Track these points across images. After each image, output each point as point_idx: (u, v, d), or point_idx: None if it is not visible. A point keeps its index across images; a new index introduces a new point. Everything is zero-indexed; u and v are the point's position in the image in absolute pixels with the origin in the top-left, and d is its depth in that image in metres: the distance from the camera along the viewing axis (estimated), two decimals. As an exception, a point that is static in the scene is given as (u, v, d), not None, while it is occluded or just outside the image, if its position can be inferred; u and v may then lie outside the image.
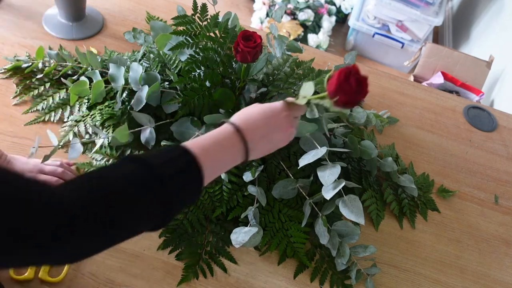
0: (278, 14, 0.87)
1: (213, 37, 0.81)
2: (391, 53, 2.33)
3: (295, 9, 2.27)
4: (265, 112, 0.57)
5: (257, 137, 0.55)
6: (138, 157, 0.47)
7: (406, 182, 0.87)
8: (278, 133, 0.58)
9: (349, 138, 0.84)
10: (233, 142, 0.54)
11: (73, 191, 0.40)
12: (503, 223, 0.92)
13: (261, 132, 0.56)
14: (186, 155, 0.49)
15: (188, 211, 0.77)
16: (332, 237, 0.75)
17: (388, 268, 0.81)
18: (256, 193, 0.76)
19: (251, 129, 0.55)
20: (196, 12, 0.82)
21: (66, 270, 0.69)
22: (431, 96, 1.15)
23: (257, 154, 0.57)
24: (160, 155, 0.47)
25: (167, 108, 0.82)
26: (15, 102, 0.89)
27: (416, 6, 2.11)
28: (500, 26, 2.01)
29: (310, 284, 0.76)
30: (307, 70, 0.81)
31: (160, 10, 1.15)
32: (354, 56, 0.89)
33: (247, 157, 0.55)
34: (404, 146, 1.01)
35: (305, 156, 0.73)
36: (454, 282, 0.82)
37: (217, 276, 0.74)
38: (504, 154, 1.06)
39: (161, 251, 0.75)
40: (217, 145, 0.52)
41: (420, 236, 0.87)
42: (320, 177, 0.72)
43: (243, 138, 0.54)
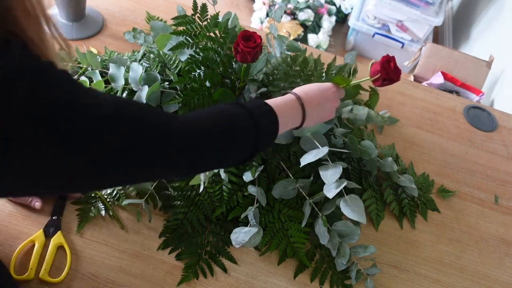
0: (277, 14, 0.87)
1: (213, 37, 0.81)
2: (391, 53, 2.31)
3: (295, 9, 2.27)
4: (319, 87, 0.71)
5: (312, 105, 0.68)
6: (233, 102, 0.61)
7: (406, 182, 0.87)
8: (328, 103, 0.71)
9: (349, 138, 0.84)
10: (295, 106, 0.66)
11: (194, 122, 0.54)
12: (503, 223, 0.92)
13: (316, 102, 0.68)
14: (266, 105, 0.61)
15: (188, 211, 0.77)
16: (332, 237, 0.75)
17: (388, 268, 0.81)
18: (256, 193, 0.76)
19: (308, 99, 0.67)
20: (196, 12, 0.82)
21: (67, 271, 0.69)
22: (431, 96, 1.15)
23: (311, 120, 0.68)
24: (248, 103, 0.60)
25: (167, 108, 0.82)
26: (15, 102, 0.88)
27: (416, 6, 2.11)
28: (500, 26, 2.01)
29: (310, 284, 0.76)
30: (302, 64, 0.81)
31: (160, 10, 1.15)
32: (354, 56, 0.89)
33: (303, 120, 0.67)
34: (404, 146, 1.01)
35: (306, 156, 0.73)
36: (454, 282, 0.82)
37: (217, 276, 0.74)
38: (504, 154, 1.06)
39: (161, 251, 0.75)
40: (284, 105, 0.64)
41: (420, 236, 0.87)
42: (322, 176, 0.72)
43: (302, 105, 0.66)
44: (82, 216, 0.75)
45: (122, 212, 0.78)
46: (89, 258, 0.72)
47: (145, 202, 0.75)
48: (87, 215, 0.75)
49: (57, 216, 0.74)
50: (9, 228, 0.72)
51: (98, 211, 0.76)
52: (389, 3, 2.11)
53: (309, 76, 0.82)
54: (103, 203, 0.77)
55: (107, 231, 0.75)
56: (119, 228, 0.76)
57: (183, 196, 0.78)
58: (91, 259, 0.72)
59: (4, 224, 0.73)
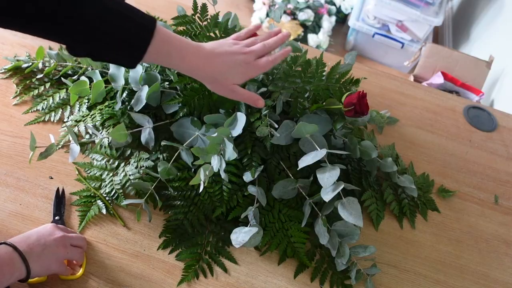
0: (277, 14, 0.87)
1: (213, 37, 0.81)
2: (391, 53, 2.33)
3: (295, 9, 2.27)
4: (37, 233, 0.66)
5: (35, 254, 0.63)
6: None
7: (406, 183, 0.87)
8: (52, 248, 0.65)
9: (349, 138, 0.84)
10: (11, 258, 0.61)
11: None
12: (503, 223, 0.92)
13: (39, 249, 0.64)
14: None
15: (188, 211, 0.77)
16: (332, 237, 0.75)
17: (388, 268, 0.81)
18: (256, 193, 0.76)
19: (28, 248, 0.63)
20: (196, 12, 0.82)
21: (82, 270, 0.70)
22: (431, 96, 1.15)
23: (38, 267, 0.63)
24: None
25: (167, 108, 0.82)
26: (15, 102, 0.89)
27: (416, 6, 2.11)
28: (500, 26, 2.01)
29: (310, 284, 0.76)
30: (304, 65, 0.81)
31: (160, 10, 1.15)
32: (354, 56, 0.89)
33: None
34: (404, 146, 1.01)
35: (304, 158, 0.73)
36: (454, 282, 0.82)
37: (217, 276, 0.74)
38: (504, 154, 1.06)
39: (161, 251, 0.75)
40: None
41: (420, 236, 0.87)
42: (320, 179, 0.72)
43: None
44: (82, 216, 0.76)
45: (122, 212, 0.78)
46: (89, 258, 0.72)
47: (145, 202, 0.75)
48: (88, 215, 0.75)
49: (59, 216, 0.74)
50: (9, 229, 0.72)
51: (98, 209, 0.76)
52: (389, 3, 2.11)
53: (309, 78, 0.82)
54: (103, 202, 0.77)
55: (107, 231, 0.75)
56: (119, 228, 0.76)
57: (183, 196, 0.78)
58: (91, 259, 0.72)
59: (4, 224, 0.73)
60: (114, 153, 0.82)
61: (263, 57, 0.67)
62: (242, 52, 0.66)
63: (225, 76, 0.65)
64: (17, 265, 0.60)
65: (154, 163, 0.79)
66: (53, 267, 0.65)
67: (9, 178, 0.78)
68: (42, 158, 0.72)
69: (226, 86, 0.66)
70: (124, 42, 0.57)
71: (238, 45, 0.67)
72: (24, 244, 0.62)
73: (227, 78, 0.65)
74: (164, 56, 0.61)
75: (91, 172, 0.80)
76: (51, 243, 0.65)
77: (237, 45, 0.67)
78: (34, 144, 0.71)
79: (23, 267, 0.60)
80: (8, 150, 0.82)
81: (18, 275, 0.60)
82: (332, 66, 0.85)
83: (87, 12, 0.54)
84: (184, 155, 0.78)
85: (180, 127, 0.80)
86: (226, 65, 0.65)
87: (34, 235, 0.65)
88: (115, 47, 0.57)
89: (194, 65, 0.64)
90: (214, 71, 0.65)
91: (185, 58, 0.63)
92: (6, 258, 0.60)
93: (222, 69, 0.65)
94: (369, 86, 1.11)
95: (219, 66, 0.64)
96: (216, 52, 0.65)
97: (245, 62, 0.65)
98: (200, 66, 0.64)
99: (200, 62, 0.64)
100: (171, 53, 0.61)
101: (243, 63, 0.65)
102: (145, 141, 0.81)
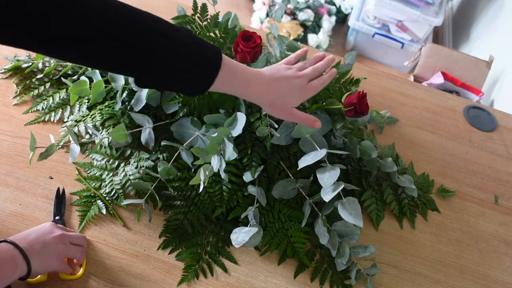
0: (278, 14, 0.87)
1: (213, 37, 0.81)
2: (391, 53, 2.33)
3: (295, 9, 2.27)
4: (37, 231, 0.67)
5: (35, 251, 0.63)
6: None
7: (406, 183, 0.87)
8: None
9: (349, 138, 0.84)
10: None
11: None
12: (503, 223, 0.92)
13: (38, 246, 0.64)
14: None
15: (188, 211, 0.77)
16: (332, 237, 0.75)
17: (388, 268, 0.81)
18: (256, 193, 0.76)
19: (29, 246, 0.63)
20: (196, 12, 0.82)
21: (83, 270, 0.70)
22: (431, 96, 1.15)
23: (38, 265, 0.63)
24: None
25: (167, 108, 0.82)
26: (15, 102, 0.89)
27: (416, 6, 2.11)
28: (500, 26, 2.01)
29: (310, 284, 0.76)
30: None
31: (160, 10, 1.14)
32: (354, 56, 0.89)
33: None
34: (404, 146, 1.01)
35: (304, 158, 0.73)
36: (454, 282, 0.82)
37: (217, 276, 0.74)
38: (504, 154, 1.06)
39: (161, 251, 0.75)
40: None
41: (420, 236, 0.87)
42: (320, 179, 0.72)
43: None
44: (82, 216, 0.76)
45: (122, 212, 0.78)
46: (89, 258, 0.72)
47: (145, 202, 0.75)
48: (88, 215, 0.75)
49: (60, 216, 0.74)
50: (9, 228, 0.72)
51: (98, 209, 0.76)
52: (389, 3, 2.11)
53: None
54: (103, 202, 0.77)
55: (107, 231, 0.75)
56: (119, 228, 0.76)
57: (183, 196, 0.78)
58: (91, 259, 0.72)
59: (4, 224, 0.73)
60: (114, 153, 0.82)
61: (314, 80, 0.71)
62: (297, 76, 0.69)
63: (284, 100, 0.68)
64: (19, 263, 0.60)
65: (154, 163, 0.79)
66: (54, 265, 0.65)
67: (9, 178, 0.78)
68: (42, 159, 0.72)
69: (285, 110, 0.69)
70: (193, 75, 0.59)
71: (292, 70, 0.70)
72: (24, 242, 0.62)
73: (286, 101, 0.68)
74: (227, 85, 0.64)
75: (91, 172, 0.80)
76: (50, 241, 0.65)
77: (291, 70, 0.70)
78: (34, 144, 0.71)
79: (24, 265, 0.60)
80: (8, 150, 0.82)
81: (19, 273, 0.60)
82: (332, 66, 0.85)
83: (162, 46, 0.56)
84: (184, 155, 0.78)
85: (180, 127, 0.80)
86: (284, 90, 0.67)
87: (34, 233, 0.65)
88: (183, 80, 0.60)
89: (255, 92, 0.66)
90: (273, 96, 0.67)
91: (248, 86, 0.65)
92: (8, 256, 0.60)
93: (281, 94, 0.67)
94: (369, 86, 1.11)
95: (278, 91, 0.67)
96: (275, 78, 0.67)
97: (300, 85, 0.69)
98: (261, 92, 0.66)
99: (261, 89, 0.66)
100: (235, 82, 0.64)
101: (299, 86, 0.69)
102: (145, 141, 0.81)
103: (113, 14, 0.53)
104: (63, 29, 0.50)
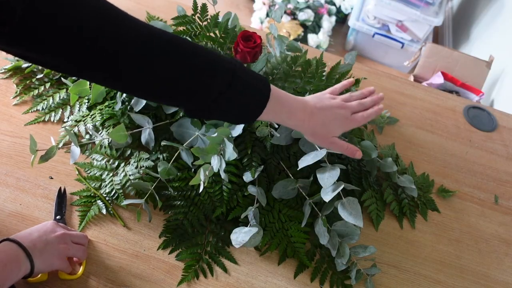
0: (277, 14, 0.87)
1: (213, 37, 0.81)
2: (391, 53, 2.33)
3: (295, 9, 2.27)
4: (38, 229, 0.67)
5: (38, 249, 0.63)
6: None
7: (406, 183, 0.87)
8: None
9: (349, 138, 0.84)
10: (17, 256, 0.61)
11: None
12: (503, 223, 0.92)
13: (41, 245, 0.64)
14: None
15: (188, 211, 0.77)
16: (332, 237, 0.75)
17: (388, 268, 0.81)
18: (256, 193, 0.76)
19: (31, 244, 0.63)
20: (196, 12, 0.82)
21: (83, 269, 0.70)
22: (431, 96, 1.15)
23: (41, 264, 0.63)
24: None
25: (167, 108, 0.82)
26: (15, 102, 0.89)
27: (416, 6, 2.11)
28: (500, 26, 2.01)
29: (310, 284, 0.76)
30: (304, 65, 0.81)
31: (160, 10, 1.15)
32: (354, 56, 0.89)
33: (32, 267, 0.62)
34: (404, 146, 1.01)
35: (304, 158, 0.73)
36: (454, 282, 0.82)
37: (217, 276, 0.74)
38: (504, 154, 1.06)
39: (161, 251, 0.75)
40: None
41: (420, 236, 0.87)
42: (320, 179, 0.72)
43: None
44: (82, 216, 0.76)
45: (122, 212, 0.78)
46: (89, 258, 0.72)
47: (145, 202, 0.75)
48: (88, 215, 0.75)
49: (61, 216, 0.74)
50: (9, 229, 0.72)
51: (98, 209, 0.76)
52: (389, 3, 2.11)
53: (309, 78, 0.82)
54: (103, 202, 0.77)
55: (107, 231, 0.75)
56: (119, 228, 0.76)
57: (183, 196, 0.78)
58: (91, 259, 0.72)
59: (4, 224, 0.73)
60: (114, 153, 0.82)
61: (359, 113, 0.72)
62: (342, 106, 0.70)
63: (326, 129, 0.68)
64: (22, 262, 0.60)
65: (154, 163, 0.79)
66: (56, 263, 0.65)
67: (9, 178, 0.78)
68: (43, 161, 0.72)
69: (327, 138, 0.69)
70: (242, 107, 0.60)
71: (337, 100, 0.71)
72: (27, 241, 0.62)
73: (328, 130, 0.69)
74: (272, 114, 0.64)
75: (91, 172, 0.80)
76: (52, 240, 0.65)
77: (335, 100, 0.70)
78: (35, 147, 0.71)
79: (27, 263, 0.60)
80: (8, 150, 0.82)
81: (23, 272, 0.60)
82: (332, 66, 0.85)
83: (219, 81, 0.56)
84: (184, 155, 0.78)
85: (180, 127, 0.80)
86: (327, 119, 0.68)
87: (36, 232, 0.65)
88: (232, 112, 0.61)
89: (300, 121, 0.66)
90: (316, 125, 0.67)
91: (292, 115, 0.65)
92: (13, 255, 0.60)
93: (324, 123, 0.68)
94: (369, 86, 1.11)
95: (321, 120, 0.68)
96: (319, 107, 0.68)
97: (344, 116, 0.69)
98: (304, 121, 0.67)
99: (305, 117, 0.66)
100: (280, 111, 0.64)
101: (343, 117, 0.69)
102: (145, 141, 0.81)
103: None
104: (130, 65, 0.52)
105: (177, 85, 0.55)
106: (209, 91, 0.56)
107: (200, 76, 0.55)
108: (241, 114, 0.62)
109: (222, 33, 0.81)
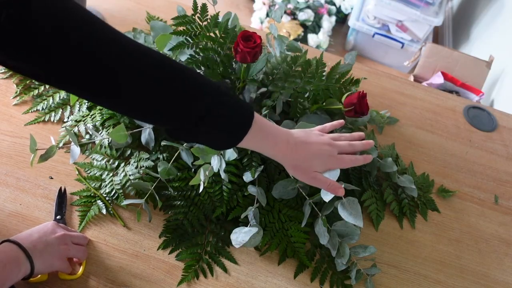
0: (277, 14, 0.87)
1: (213, 37, 0.81)
2: (391, 53, 2.33)
3: (295, 9, 2.27)
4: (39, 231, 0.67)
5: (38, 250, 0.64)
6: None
7: (406, 183, 0.87)
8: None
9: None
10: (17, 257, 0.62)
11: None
12: (503, 223, 0.92)
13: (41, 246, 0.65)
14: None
15: (188, 211, 0.77)
16: (332, 237, 0.75)
17: (388, 268, 0.81)
18: (256, 193, 0.76)
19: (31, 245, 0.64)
20: (196, 12, 0.82)
21: (83, 269, 0.70)
22: (431, 96, 1.15)
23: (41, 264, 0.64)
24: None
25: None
26: (15, 102, 0.89)
27: (416, 6, 2.11)
28: (500, 26, 2.01)
29: (310, 284, 0.76)
30: (304, 65, 0.81)
31: (160, 10, 1.15)
32: (354, 56, 0.89)
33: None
34: (404, 146, 1.01)
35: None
36: (454, 282, 0.82)
37: (217, 276, 0.74)
38: (504, 154, 1.06)
39: (161, 251, 0.75)
40: None
41: (420, 236, 0.87)
42: None
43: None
44: (82, 216, 0.76)
45: (122, 212, 0.78)
46: (89, 258, 0.72)
47: (145, 202, 0.75)
48: (88, 215, 0.75)
49: (61, 216, 0.74)
50: (9, 229, 0.72)
51: (98, 209, 0.76)
52: (389, 3, 2.11)
53: (309, 78, 0.82)
54: (103, 202, 0.77)
55: (107, 231, 0.75)
56: (119, 228, 0.76)
57: (183, 196, 0.78)
58: (91, 259, 0.72)
59: (4, 224, 0.73)
60: (114, 153, 0.82)
61: (348, 154, 0.70)
62: (329, 144, 0.68)
63: (309, 163, 0.67)
64: (22, 263, 0.60)
65: (154, 163, 0.79)
66: (56, 264, 0.65)
67: (9, 178, 0.78)
68: (43, 161, 0.72)
69: (308, 173, 0.68)
70: (224, 132, 0.59)
71: (325, 137, 0.69)
72: (27, 242, 0.62)
73: (311, 165, 0.67)
74: (253, 142, 0.63)
75: (91, 172, 0.80)
76: (53, 241, 0.65)
77: (323, 137, 0.69)
78: (35, 146, 0.71)
79: (27, 264, 0.61)
80: (8, 150, 0.82)
81: (23, 273, 0.60)
82: (332, 66, 0.85)
83: (200, 106, 0.55)
84: (184, 155, 0.78)
85: (180, 127, 0.80)
86: (311, 153, 0.67)
87: (36, 233, 0.65)
88: (214, 136, 0.60)
89: (282, 152, 0.66)
90: (299, 159, 0.66)
91: (276, 146, 0.65)
92: (13, 256, 0.60)
93: (306, 157, 0.66)
94: (369, 86, 1.11)
95: (304, 154, 0.66)
96: (304, 141, 0.67)
97: (329, 153, 0.68)
98: (288, 154, 0.66)
99: (288, 150, 0.65)
100: (262, 140, 0.63)
101: (327, 154, 0.68)
102: (145, 141, 0.81)
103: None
104: (132, 88, 0.52)
105: (157, 106, 0.55)
106: (189, 115, 0.56)
107: (181, 99, 0.55)
108: (221, 140, 0.60)
109: (222, 33, 0.81)
